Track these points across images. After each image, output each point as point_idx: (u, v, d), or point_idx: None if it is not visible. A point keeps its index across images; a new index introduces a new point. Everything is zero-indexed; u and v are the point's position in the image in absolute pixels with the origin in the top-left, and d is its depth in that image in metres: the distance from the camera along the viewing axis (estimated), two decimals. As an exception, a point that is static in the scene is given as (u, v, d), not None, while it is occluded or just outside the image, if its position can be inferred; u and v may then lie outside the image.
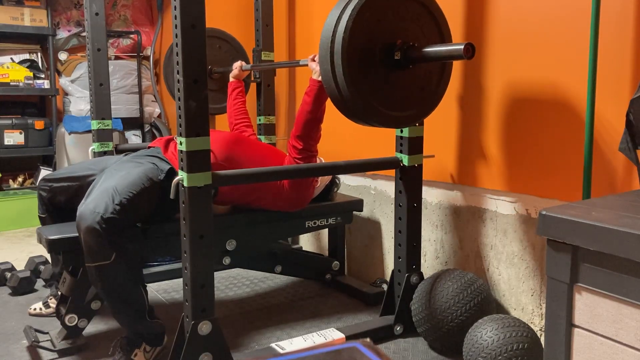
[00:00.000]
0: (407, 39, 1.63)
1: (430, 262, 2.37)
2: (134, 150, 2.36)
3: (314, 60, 2.03)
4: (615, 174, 1.75)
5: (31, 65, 4.13)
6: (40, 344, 2.01)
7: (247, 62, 2.92)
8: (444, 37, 1.74)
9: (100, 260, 1.77)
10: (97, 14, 2.63)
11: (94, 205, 1.79)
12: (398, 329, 2.12)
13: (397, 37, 1.62)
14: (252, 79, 2.99)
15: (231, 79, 2.72)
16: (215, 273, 1.82)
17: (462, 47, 1.50)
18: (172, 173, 1.98)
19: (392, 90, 1.67)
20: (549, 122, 1.93)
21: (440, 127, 2.28)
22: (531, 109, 1.98)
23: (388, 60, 1.63)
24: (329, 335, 1.81)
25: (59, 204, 2.17)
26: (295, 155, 2.13)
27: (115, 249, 1.78)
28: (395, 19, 1.63)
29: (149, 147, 2.22)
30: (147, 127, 4.52)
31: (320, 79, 1.82)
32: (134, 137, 4.43)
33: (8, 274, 2.68)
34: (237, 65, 2.71)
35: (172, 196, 1.72)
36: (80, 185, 2.09)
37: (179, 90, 1.66)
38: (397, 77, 1.66)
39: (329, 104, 1.89)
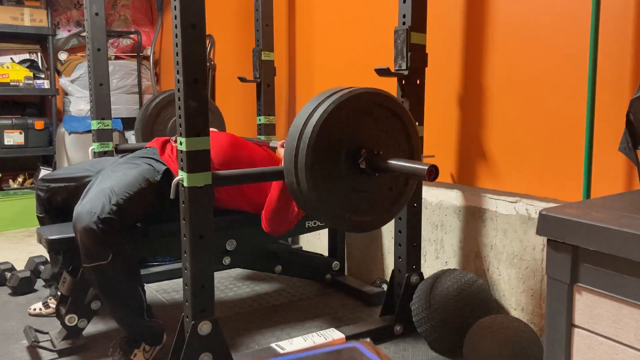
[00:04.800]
0: (373, 147, 1.63)
1: (430, 262, 2.37)
2: (134, 150, 2.36)
3: (283, 147, 1.99)
4: (615, 174, 1.75)
5: (31, 65, 4.13)
6: (40, 344, 2.01)
7: (222, 124, 2.92)
8: (413, 144, 1.73)
9: (97, 260, 1.77)
10: (97, 14, 2.63)
11: (91, 205, 1.79)
12: (398, 329, 2.12)
13: (363, 144, 1.62)
14: (252, 79, 2.99)
15: None
16: (215, 273, 1.82)
17: (426, 168, 1.50)
18: (168, 174, 1.98)
19: (357, 195, 1.67)
20: (549, 121, 1.93)
21: (440, 127, 2.28)
22: (531, 108, 1.98)
23: (354, 167, 1.63)
24: (329, 335, 1.81)
25: (57, 204, 2.18)
26: (265, 220, 2.10)
27: (112, 249, 1.78)
28: (362, 126, 1.63)
29: (146, 148, 2.22)
30: (147, 127, 4.51)
31: None
32: (133, 137, 4.43)
33: (8, 274, 2.68)
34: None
35: (172, 196, 1.72)
36: (77, 186, 2.09)
37: (179, 90, 1.66)
38: (363, 183, 1.67)
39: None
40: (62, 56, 4.26)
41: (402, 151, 1.72)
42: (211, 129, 1.84)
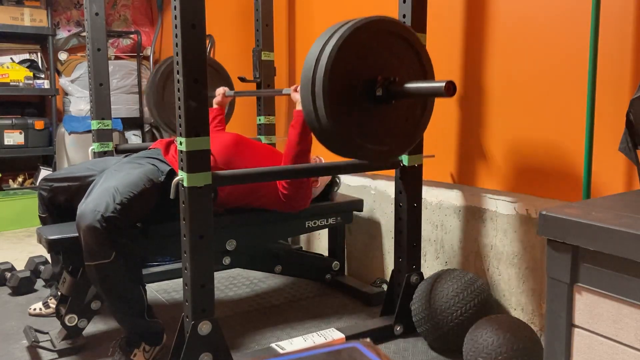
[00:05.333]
0: (388, 75, 1.62)
1: (430, 262, 2.37)
2: (134, 150, 2.36)
3: (296, 91, 2.01)
4: (615, 174, 1.75)
5: (31, 65, 4.13)
6: (40, 344, 2.01)
7: (231, 88, 2.88)
8: (426, 69, 1.72)
9: (99, 259, 1.77)
10: (97, 14, 2.63)
11: (95, 204, 1.79)
12: (398, 329, 2.12)
13: (378, 72, 1.61)
14: (252, 79, 2.99)
15: (214, 105, 2.68)
16: (215, 273, 1.82)
17: (444, 84, 1.50)
18: (172, 174, 1.98)
19: (375, 125, 1.66)
20: (549, 121, 1.93)
21: (440, 127, 2.28)
22: (531, 108, 1.98)
23: (370, 96, 1.62)
24: (329, 335, 1.81)
25: (59, 203, 2.18)
26: (284, 185, 2.13)
27: (115, 248, 1.78)
28: (376, 54, 1.62)
29: (150, 149, 2.22)
30: (147, 127, 4.52)
31: None
32: (133, 137, 4.44)
33: (8, 274, 2.68)
34: (219, 91, 2.67)
35: (172, 196, 1.72)
36: (80, 186, 2.09)
37: (178, 90, 1.66)
38: (380, 112, 1.65)
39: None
40: (62, 56, 4.26)
41: (415, 77, 1.71)
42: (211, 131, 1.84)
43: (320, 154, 2.40)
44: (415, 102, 1.73)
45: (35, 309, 2.38)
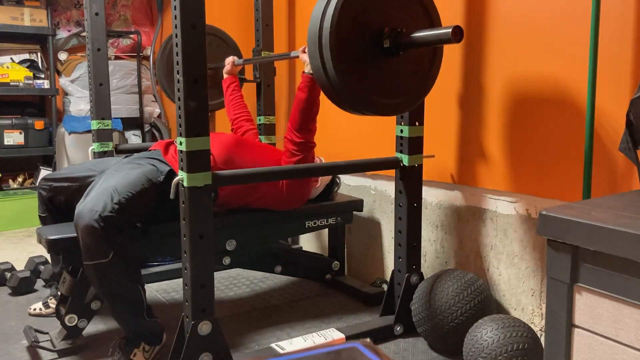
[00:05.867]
0: (395, 26, 1.62)
1: (430, 262, 2.37)
2: (134, 150, 2.36)
3: (305, 52, 2.02)
4: (615, 174, 1.75)
5: (31, 65, 4.13)
6: (40, 344, 2.01)
7: (240, 57, 2.89)
8: (433, 20, 1.73)
9: (98, 258, 1.77)
10: (97, 14, 2.63)
11: (93, 204, 1.79)
12: (398, 329, 2.12)
13: (385, 24, 1.61)
14: (252, 79, 2.99)
15: (225, 75, 2.71)
16: (215, 273, 1.82)
17: (450, 30, 1.50)
18: (171, 175, 1.98)
19: (384, 78, 1.66)
20: (549, 122, 1.93)
21: (440, 127, 2.28)
22: (531, 108, 1.98)
23: (377, 48, 1.61)
24: (329, 335, 1.81)
25: (59, 203, 2.18)
26: (293, 148, 2.13)
27: (113, 247, 1.78)
28: (381, 6, 1.62)
29: (150, 150, 2.22)
30: (147, 127, 4.51)
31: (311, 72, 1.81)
32: (133, 137, 4.43)
33: (8, 274, 2.68)
34: (229, 60, 2.69)
35: (172, 196, 1.72)
36: (79, 186, 2.09)
37: (178, 90, 1.65)
38: (388, 64, 1.65)
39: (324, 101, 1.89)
40: (62, 56, 4.26)
41: (423, 28, 1.70)
42: (211, 132, 1.84)
43: (321, 154, 2.40)
44: (424, 53, 1.73)
45: (35, 309, 2.38)
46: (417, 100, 1.81)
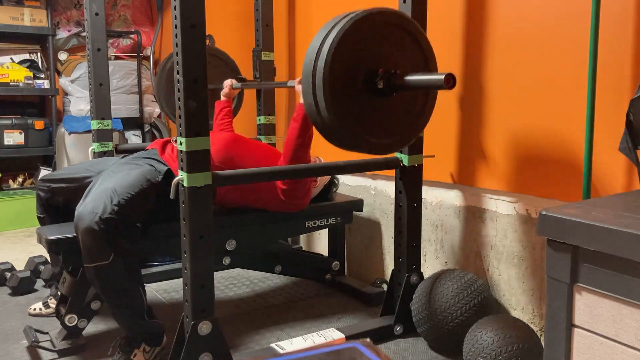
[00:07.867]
0: (390, 66, 1.61)
1: (430, 262, 2.37)
2: (134, 150, 2.36)
3: (300, 84, 2.00)
4: (615, 174, 1.75)
5: (31, 65, 4.12)
6: (40, 344, 2.01)
7: (235, 69, 2.87)
8: (428, 59, 1.72)
9: (98, 260, 1.77)
10: (97, 14, 2.63)
11: (92, 205, 1.79)
12: (398, 329, 2.12)
13: (380, 64, 1.61)
14: (252, 79, 2.99)
15: (222, 98, 2.68)
16: (215, 273, 1.82)
17: (443, 77, 1.50)
18: (169, 174, 1.98)
19: (377, 118, 1.66)
20: (549, 121, 1.93)
21: (440, 127, 2.28)
22: (531, 108, 1.98)
23: (371, 88, 1.61)
24: (329, 335, 1.81)
25: (57, 204, 2.18)
26: (284, 182, 2.13)
27: (114, 249, 1.78)
28: (377, 46, 1.61)
29: (147, 149, 2.22)
30: (147, 127, 4.51)
31: None
32: (133, 137, 4.43)
33: (8, 274, 2.68)
34: (227, 83, 2.67)
35: (172, 196, 1.72)
36: (78, 187, 2.09)
37: (178, 90, 1.66)
38: (382, 104, 1.65)
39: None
40: (62, 56, 4.26)
41: (418, 67, 1.70)
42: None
43: (320, 154, 2.40)
44: (417, 94, 1.73)
45: (35, 309, 2.38)
46: (409, 139, 1.81)
